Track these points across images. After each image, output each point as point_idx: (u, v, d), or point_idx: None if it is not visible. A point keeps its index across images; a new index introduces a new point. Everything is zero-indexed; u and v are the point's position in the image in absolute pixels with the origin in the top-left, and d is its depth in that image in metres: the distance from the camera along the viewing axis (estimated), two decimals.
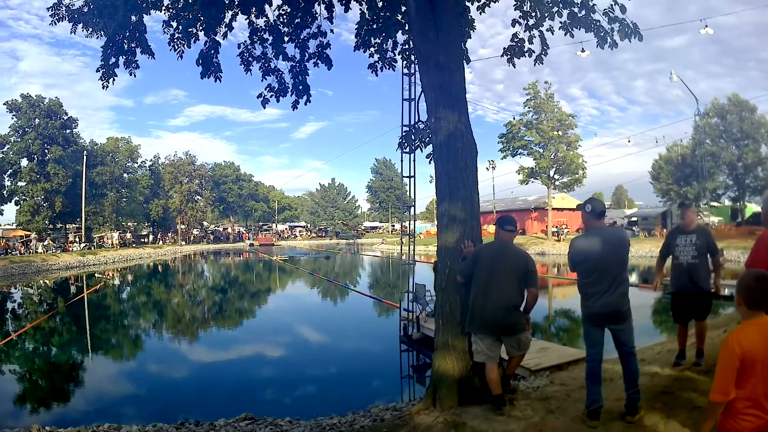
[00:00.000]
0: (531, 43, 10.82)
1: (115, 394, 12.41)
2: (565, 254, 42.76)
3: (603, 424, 5.81)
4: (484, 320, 6.42)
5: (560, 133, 58.69)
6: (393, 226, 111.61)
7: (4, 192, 63.13)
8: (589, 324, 6.01)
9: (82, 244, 62.48)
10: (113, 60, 9.93)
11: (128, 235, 77.71)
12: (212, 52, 9.97)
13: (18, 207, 64.78)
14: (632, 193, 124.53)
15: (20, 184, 63.53)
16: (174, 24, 10.31)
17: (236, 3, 9.57)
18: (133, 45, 9.95)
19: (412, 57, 11.58)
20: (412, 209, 15.28)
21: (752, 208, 61.46)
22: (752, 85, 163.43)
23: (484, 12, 11.05)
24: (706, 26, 26.56)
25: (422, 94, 8.71)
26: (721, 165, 59.15)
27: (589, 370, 6.02)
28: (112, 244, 68.40)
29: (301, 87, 10.98)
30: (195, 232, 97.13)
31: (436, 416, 6.68)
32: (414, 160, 13.20)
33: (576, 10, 9.91)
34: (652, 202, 75.04)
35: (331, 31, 10.95)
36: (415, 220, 15.77)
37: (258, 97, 10.90)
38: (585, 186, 62.34)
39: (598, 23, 9.98)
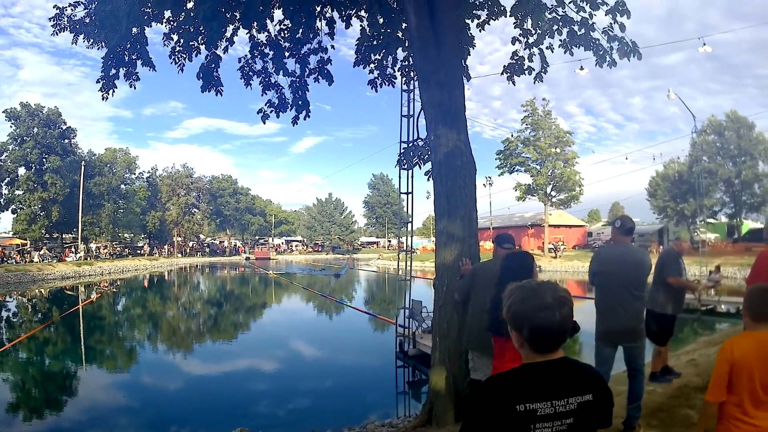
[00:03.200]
0: (531, 60, 10.89)
1: (109, 406, 12.32)
2: (561, 271, 42.64)
3: None
4: (482, 338, 6.38)
5: (558, 150, 58.79)
6: (389, 241, 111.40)
7: (1, 200, 63.02)
8: (602, 342, 6.01)
9: (78, 254, 62.24)
10: (114, 71, 9.99)
11: (105, 247, 74.90)
12: (213, 66, 10.01)
13: (15, 216, 64.61)
14: (629, 209, 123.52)
15: (17, 192, 63.34)
16: (175, 37, 10.38)
17: (237, 17, 9.60)
18: (134, 57, 10.00)
19: (412, 73, 11.62)
20: (410, 225, 15.20)
21: (749, 224, 61.55)
22: (751, 101, 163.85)
23: (483, 29, 11.12)
24: (704, 44, 26.63)
25: (421, 111, 8.74)
26: (718, 182, 59.12)
27: None
28: (86, 256, 64.56)
29: (300, 102, 11.01)
30: (191, 244, 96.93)
31: None
32: (412, 177, 13.17)
33: (576, 28, 9.99)
34: (648, 218, 75.04)
35: (332, 46, 11.03)
36: (412, 236, 15.72)
37: (258, 113, 10.97)
38: (582, 203, 62.45)
39: (597, 42, 10.05)
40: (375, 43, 11.22)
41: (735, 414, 3.37)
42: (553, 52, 10.77)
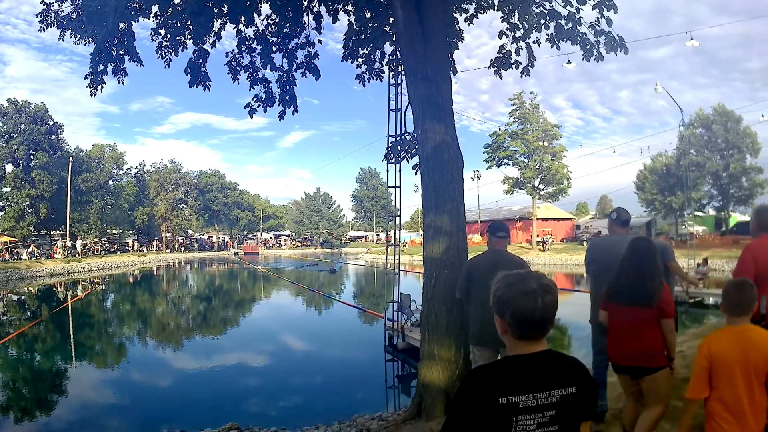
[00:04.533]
0: (518, 55, 10.91)
1: (100, 404, 12.28)
2: (549, 264, 42.75)
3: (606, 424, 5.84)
4: (485, 332, 6.27)
5: (545, 143, 58.94)
6: (378, 235, 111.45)
7: None
8: (598, 330, 6.00)
9: (67, 251, 61.81)
10: (101, 67, 9.93)
11: (94, 243, 73.11)
12: (200, 60, 9.98)
13: (2, 213, 64.26)
14: (617, 202, 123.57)
15: (5, 189, 62.94)
16: (162, 32, 10.34)
17: (225, 12, 9.57)
18: (121, 52, 9.96)
19: (399, 68, 11.60)
20: (398, 219, 15.20)
21: (736, 217, 61.94)
22: (738, 95, 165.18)
23: (471, 23, 11.13)
24: (692, 38, 26.68)
25: (409, 105, 8.74)
26: (706, 175, 59.48)
27: (594, 377, 6.01)
28: (72, 253, 61.75)
29: (288, 97, 11.01)
30: (180, 240, 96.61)
31: (422, 426, 6.70)
32: (400, 170, 13.10)
33: (563, 22, 10.02)
34: (636, 211, 75.54)
35: (319, 41, 11.02)
36: (400, 230, 15.73)
37: (245, 107, 10.92)
38: (570, 196, 62.72)
39: (584, 36, 10.07)
40: (362, 37, 11.21)
41: (719, 412, 3.37)
42: (540, 46, 10.80)
